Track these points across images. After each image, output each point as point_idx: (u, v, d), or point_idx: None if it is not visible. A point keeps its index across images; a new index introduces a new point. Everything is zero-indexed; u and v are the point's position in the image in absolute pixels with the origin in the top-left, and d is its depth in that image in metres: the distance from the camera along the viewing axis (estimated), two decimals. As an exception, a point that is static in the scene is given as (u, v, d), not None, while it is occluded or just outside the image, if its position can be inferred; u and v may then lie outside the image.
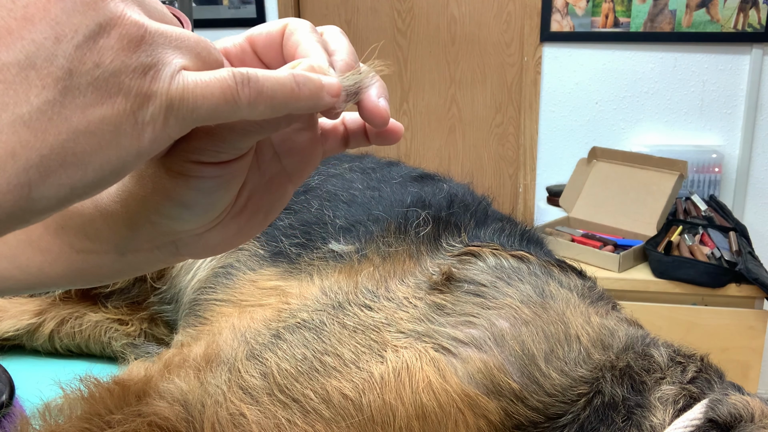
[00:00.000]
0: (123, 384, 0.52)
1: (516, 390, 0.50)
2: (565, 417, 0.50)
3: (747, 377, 1.84)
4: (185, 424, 0.48)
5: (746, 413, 0.49)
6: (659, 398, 0.51)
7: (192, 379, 0.51)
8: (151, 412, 0.48)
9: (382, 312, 0.55)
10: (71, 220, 0.41)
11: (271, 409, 0.48)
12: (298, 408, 0.48)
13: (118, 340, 0.88)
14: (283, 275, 0.68)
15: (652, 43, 2.48)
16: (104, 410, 0.49)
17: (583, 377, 0.52)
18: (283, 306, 0.59)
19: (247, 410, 0.48)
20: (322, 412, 0.48)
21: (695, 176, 2.42)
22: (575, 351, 0.53)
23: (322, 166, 0.92)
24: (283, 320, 0.56)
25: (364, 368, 0.50)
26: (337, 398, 0.48)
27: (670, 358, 0.55)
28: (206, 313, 0.73)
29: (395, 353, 0.51)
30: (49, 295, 0.90)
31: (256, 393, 0.49)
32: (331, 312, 0.56)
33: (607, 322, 0.58)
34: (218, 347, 0.54)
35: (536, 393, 0.50)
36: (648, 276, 1.92)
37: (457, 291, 0.57)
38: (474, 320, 0.54)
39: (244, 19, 2.88)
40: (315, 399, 0.48)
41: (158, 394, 0.50)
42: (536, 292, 0.58)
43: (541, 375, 0.51)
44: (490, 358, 0.51)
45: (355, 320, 0.54)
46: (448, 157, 2.88)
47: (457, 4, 2.71)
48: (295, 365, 0.50)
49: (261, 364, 0.51)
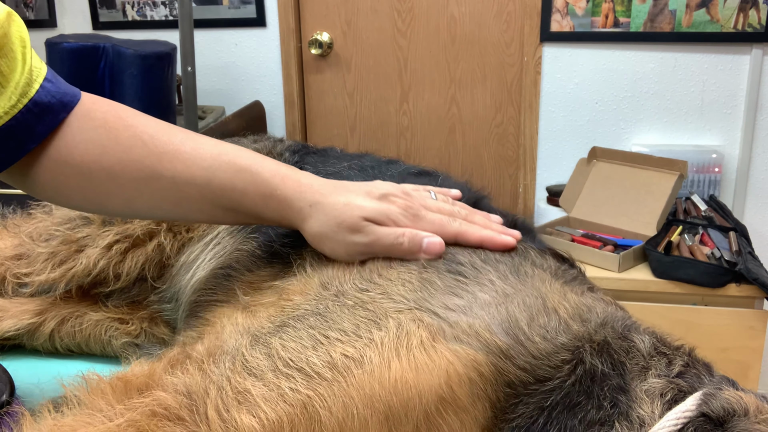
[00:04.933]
0: (125, 379, 0.52)
1: (503, 348, 0.52)
2: (552, 381, 0.52)
3: (747, 377, 1.84)
4: (188, 411, 0.48)
5: (740, 408, 0.49)
6: (646, 390, 0.52)
7: (195, 371, 0.51)
8: (153, 401, 0.48)
9: (379, 288, 0.58)
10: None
11: (274, 381, 0.49)
12: (301, 376, 0.49)
13: (119, 339, 0.88)
14: (278, 275, 0.69)
15: (652, 43, 2.48)
16: (106, 405, 0.49)
17: (564, 345, 0.54)
18: (286, 303, 0.60)
19: (252, 386, 0.49)
20: (325, 374, 0.49)
21: (695, 176, 2.42)
22: (554, 321, 0.56)
23: (320, 165, 0.93)
24: (287, 313, 0.57)
25: (364, 335, 0.52)
26: (340, 359, 0.50)
27: (653, 347, 0.56)
28: (206, 313, 0.73)
29: (392, 319, 0.54)
30: (50, 294, 0.90)
31: (260, 371, 0.50)
32: (334, 298, 0.58)
33: (583, 299, 0.60)
34: (222, 341, 0.55)
35: (522, 354, 0.52)
36: (648, 276, 1.91)
37: (441, 268, 0.60)
38: (459, 292, 0.57)
39: (244, 19, 2.88)
40: (319, 364, 0.50)
41: (161, 387, 0.50)
42: (511, 271, 0.61)
43: (525, 338, 0.53)
44: (476, 320, 0.54)
45: (354, 300, 0.57)
46: (448, 157, 2.88)
47: (457, 4, 2.71)
48: (300, 342, 0.52)
49: (266, 347, 0.52)
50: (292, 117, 2.96)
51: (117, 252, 0.85)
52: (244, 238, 0.80)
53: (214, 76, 2.97)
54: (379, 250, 0.63)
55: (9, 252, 0.91)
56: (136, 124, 0.67)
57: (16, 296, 0.91)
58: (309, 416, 0.48)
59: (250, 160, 0.67)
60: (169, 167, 0.65)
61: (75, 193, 0.66)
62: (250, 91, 2.96)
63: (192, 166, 0.66)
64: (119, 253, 0.85)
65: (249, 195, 0.66)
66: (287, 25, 2.86)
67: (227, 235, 0.84)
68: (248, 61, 2.94)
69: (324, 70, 2.93)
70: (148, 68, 2.30)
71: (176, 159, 0.65)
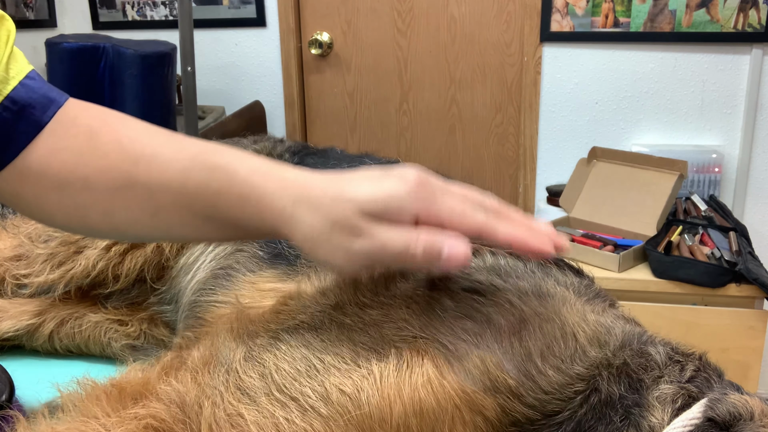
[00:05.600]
0: (120, 386, 0.52)
1: (512, 387, 0.50)
2: (561, 414, 0.50)
3: (747, 377, 1.84)
4: (182, 426, 0.48)
5: (745, 412, 0.48)
6: (657, 397, 0.51)
7: (189, 381, 0.51)
8: (147, 414, 0.48)
9: (382, 309, 0.54)
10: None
11: (269, 408, 0.48)
12: (296, 406, 0.48)
13: (118, 340, 0.88)
14: (281, 277, 0.68)
15: (652, 43, 2.48)
16: (101, 413, 0.49)
17: (579, 374, 0.52)
18: (282, 308, 0.59)
19: (245, 410, 0.48)
20: (320, 409, 0.48)
21: (695, 176, 2.42)
22: (571, 348, 0.53)
23: (321, 165, 0.92)
24: (281, 322, 0.56)
25: (363, 366, 0.50)
26: (336, 395, 0.48)
27: (668, 357, 0.55)
28: (206, 314, 0.73)
29: (395, 350, 0.51)
30: (49, 295, 0.90)
31: (254, 393, 0.49)
32: (331, 312, 0.55)
33: (603, 319, 0.58)
34: (216, 350, 0.54)
35: (533, 390, 0.50)
36: (648, 276, 1.91)
37: (455, 288, 0.57)
38: (472, 317, 0.53)
39: (244, 19, 2.88)
40: (313, 397, 0.48)
41: (155, 396, 0.50)
42: (532, 290, 0.58)
43: (537, 372, 0.51)
44: (488, 355, 0.51)
45: (354, 319, 0.54)
46: (448, 157, 2.88)
47: (457, 4, 2.71)
48: (294, 365, 0.50)
49: (259, 365, 0.51)
50: (292, 117, 2.96)
51: (116, 253, 0.85)
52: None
53: (214, 76, 2.97)
54: (386, 260, 0.50)
55: (8, 253, 0.91)
56: (119, 128, 0.60)
57: (15, 297, 0.90)
58: None
59: (229, 157, 0.56)
60: (144, 171, 0.57)
61: (55, 208, 0.59)
62: (250, 91, 2.96)
63: (168, 169, 0.56)
64: (118, 254, 0.85)
65: (224, 197, 0.55)
66: (287, 25, 2.85)
67: (227, 237, 0.84)
68: (248, 61, 2.94)
69: (324, 70, 2.93)
70: (148, 68, 2.29)
71: (153, 162, 0.57)
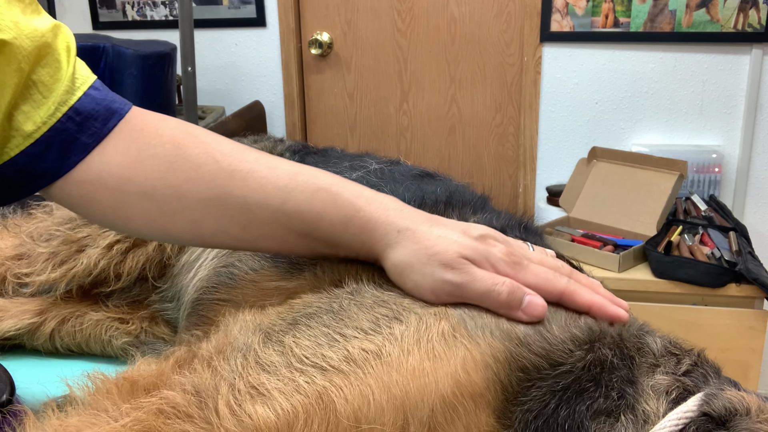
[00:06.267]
0: (132, 379, 0.52)
1: (521, 336, 0.53)
2: (564, 366, 0.52)
3: (747, 377, 1.84)
4: (197, 409, 0.47)
5: (741, 408, 0.49)
6: (653, 386, 0.52)
7: (204, 369, 0.51)
8: (160, 399, 0.48)
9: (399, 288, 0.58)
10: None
11: (289, 376, 0.49)
12: (316, 370, 0.49)
13: (119, 338, 0.88)
14: (284, 275, 0.68)
15: (652, 43, 2.48)
16: (111, 405, 0.49)
17: (581, 331, 0.54)
18: (296, 300, 0.59)
19: (266, 380, 0.49)
20: (342, 367, 0.49)
21: (695, 176, 2.42)
22: (573, 317, 0.56)
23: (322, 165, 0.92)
24: (298, 311, 0.57)
25: (384, 330, 0.52)
26: (358, 353, 0.50)
27: (664, 348, 0.56)
28: (209, 312, 0.73)
29: (415, 315, 0.54)
30: (50, 294, 0.90)
31: (273, 368, 0.50)
32: (349, 296, 0.57)
33: None
34: (233, 338, 0.54)
35: (538, 340, 0.53)
36: (648, 276, 1.92)
37: None
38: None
39: (244, 19, 2.88)
40: (335, 359, 0.50)
41: (169, 386, 0.50)
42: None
43: (542, 327, 0.54)
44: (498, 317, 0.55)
45: (373, 298, 0.56)
46: (448, 157, 2.88)
47: (457, 4, 2.71)
48: (315, 340, 0.52)
49: (279, 345, 0.52)
50: (292, 117, 2.96)
51: (118, 252, 0.85)
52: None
53: (214, 76, 2.97)
54: (471, 294, 0.55)
55: (9, 252, 0.91)
56: (208, 141, 0.63)
57: (16, 296, 0.91)
58: (324, 405, 0.47)
59: (330, 179, 0.62)
60: (240, 186, 0.61)
61: (137, 213, 0.62)
62: (250, 91, 2.96)
63: (266, 185, 0.61)
64: (120, 253, 0.85)
65: (327, 217, 0.60)
66: (287, 25, 2.86)
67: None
68: (248, 61, 2.94)
69: (324, 70, 2.93)
70: (148, 68, 2.29)
71: (249, 178, 0.61)
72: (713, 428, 0.48)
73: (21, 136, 0.59)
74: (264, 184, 0.61)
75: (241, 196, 0.61)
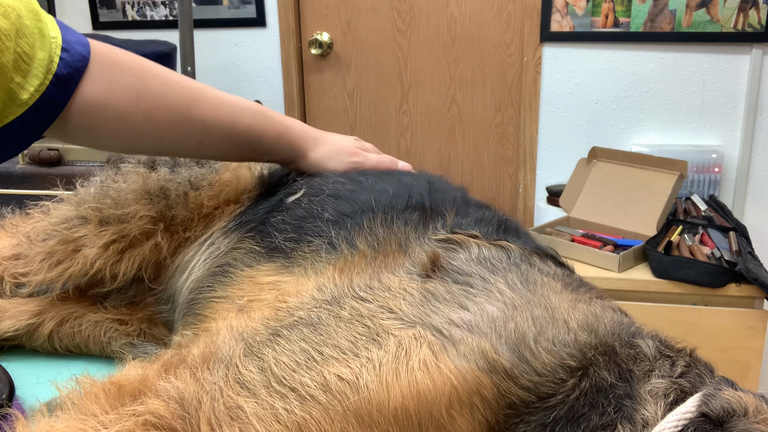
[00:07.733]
0: (118, 384, 0.52)
1: (507, 368, 0.51)
2: (555, 397, 0.51)
3: (747, 377, 1.84)
4: (181, 422, 0.48)
5: (739, 408, 0.49)
6: (649, 391, 0.52)
7: (188, 377, 0.51)
8: (146, 410, 0.48)
9: (378, 301, 0.56)
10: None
11: (268, 400, 0.48)
12: (295, 396, 0.48)
13: (118, 339, 0.88)
14: (280, 270, 0.69)
15: (652, 43, 2.48)
16: (99, 410, 0.49)
17: (572, 355, 0.53)
18: (281, 305, 0.59)
19: (245, 403, 0.48)
20: (319, 397, 0.48)
21: (695, 176, 2.42)
22: (563, 333, 0.54)
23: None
24: (281, 319, 0.56)
25: (361, 354, 0.51)
26: (334, 383, 0.49)
27: (657, 351, 0.55)
28: (205, 310, 0.73)
29: (393, 338, 0.52)
30: (47, 294, 0.90)
31: (253, 386, 0.49)
32: (328, 307, 0.56)
33: (591, 308, 0.59)
34: (216, 347, 0.54)
35: (527, 372, 0.51)
36: (648, 276, 1.91)
37: (447, 280, 0.59)
38: (465, 306, 0.55)
39: (244, 19, 2.88)
40: (312, 386, 0.49)
41: (154, 393, 0.50)
42: (520, 280, 0.60)
43: (531, 355, 0.52)
44: (482, 339, 0.52)
45: (351, 312, 0.55)
46: (448, 157, 2.88)
47: (457, 4, 2.71)
48: (293, 358, 0.51)
49: (259, 360, 0.51)
50: (292, 117, 2.96)
51: (114, 252, 0.85)
52: (241, 238, 0.80)
53: (214, 76, 2.97)
54: (368, 165, 0.90)
55: (6, 252, 0.91)
56: (161, 73, 0.78)
57: (14, 297, 0.90)
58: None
59: (261, 107, 0.86)
60: (198, 111, 0.78)
61: (109, 132, 0.75)
62: (250, 91, 2.96)
63: (219, 110, 0.80)
64: (116, 252, 0.85)
65: (267, 134, 0.84)
66: (287, 25, 2.86)
67: (221, 236, 0.84)
68: (248, 61, 2.94)
69: (324, 70, 2.93)
70: (148, 68, 2.30)
71: (205, 103, 0.79)
72: (711, 429, 0.48)
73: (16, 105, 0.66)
74: (217, 108, 0.80)
75: (200, 119, 0.78)
